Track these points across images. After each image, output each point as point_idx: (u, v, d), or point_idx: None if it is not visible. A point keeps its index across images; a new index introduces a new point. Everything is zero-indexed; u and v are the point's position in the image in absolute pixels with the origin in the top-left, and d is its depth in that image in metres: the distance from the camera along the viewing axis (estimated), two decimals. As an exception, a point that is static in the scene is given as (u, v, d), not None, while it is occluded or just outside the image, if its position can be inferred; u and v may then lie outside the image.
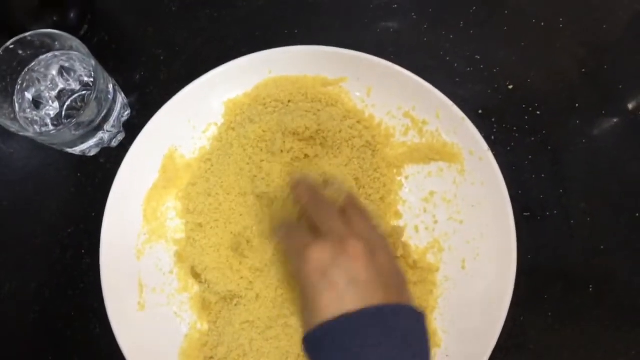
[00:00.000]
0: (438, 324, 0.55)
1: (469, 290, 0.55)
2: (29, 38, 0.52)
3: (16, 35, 0.51)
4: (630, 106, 0.61)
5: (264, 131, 0.56)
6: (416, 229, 0.57)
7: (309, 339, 0.38)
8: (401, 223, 0.57)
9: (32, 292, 0.58)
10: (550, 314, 0.56)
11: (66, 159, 0.61)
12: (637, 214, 0.58)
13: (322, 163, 0.56)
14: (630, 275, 0.57)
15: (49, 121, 0.56)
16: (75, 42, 0.52)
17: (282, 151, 0.55)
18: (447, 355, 0.54)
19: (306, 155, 0.56)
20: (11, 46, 0.51)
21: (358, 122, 0.57)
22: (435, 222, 0.57)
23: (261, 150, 0.56)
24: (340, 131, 0.56)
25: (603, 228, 0.58)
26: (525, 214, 0.58)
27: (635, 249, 0.57)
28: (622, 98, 0.61)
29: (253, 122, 0.57)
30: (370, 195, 0.56)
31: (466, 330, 0.54)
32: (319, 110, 0.57)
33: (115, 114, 0.56)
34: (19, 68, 0.54)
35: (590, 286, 0.57)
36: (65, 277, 0.58)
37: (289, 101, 0.58)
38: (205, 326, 0.56)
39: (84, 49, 0.52)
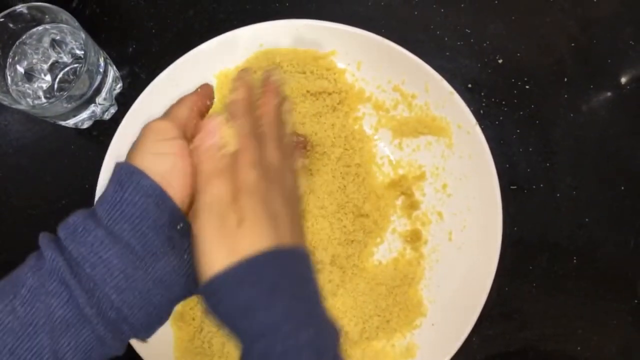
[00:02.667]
0: (424, 293, 0.56)
1: (455, 261, 0.56)
2: (19, 11, 0.52)
3: (6, 8, 0.51)
4: (623, 80, 0.61)
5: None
6: (404, 201, 0.58)
7: (205, 291, 0.34)
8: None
9: (28, 262, 0.59)
10: (534, 284, 0.58)
11: (59, 132, 0.61)
12: (622, 188, 0.59)
13: (311, 127, 0.57)
14: (614, 248, 0.58)
15: (41, 94, 0.56)
16: (66, 15, 0.52)
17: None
18: (432, 324, 0.55)
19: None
20: (1, 19, 0.52)
21: (347, 92, 0.58)
22: (423, 194, 0.58)
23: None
24: (330, 102, 0.57)
25: (588, 201, 0.59)
26: (512, 187, 0.59)
27: (619, 222, 0.59)
28: (611, 73, 0.61)
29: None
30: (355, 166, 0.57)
31: (452, 299, 0.55)
32: (310, 81, 0.58)
33: (107, 87, 0.57)
34: (10, 41, 0.54)
35: (575, 258, 0.58)
36: (60, 247, 0.59)
37: (282, 69, 0.59)
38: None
39: (74, 22, 0.52)
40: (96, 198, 0.54)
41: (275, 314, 0.33)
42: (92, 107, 0.57)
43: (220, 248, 0.34)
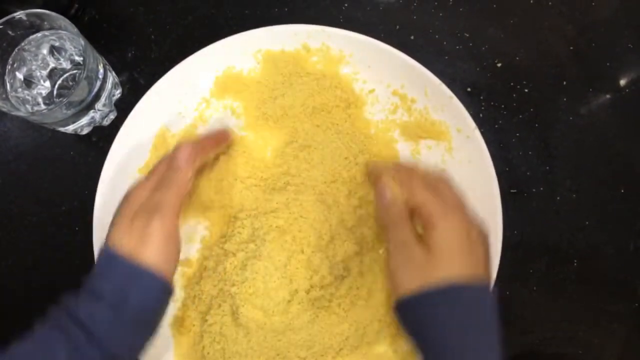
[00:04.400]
0: (425, 298, 0.56)
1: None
2: (18, 18, 0.52)
3: (5, 15, 0.52)
4: (621, 83, 0.61)
5: (254, 109, 0.57)
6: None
7: (400, 306, 0.45)
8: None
9: (27, 268, 0.59)
10: (535, 288, 0.58)
11: (59, 138, 0.61)
12: (622, 191, 0.59)
13: (315, 138, 0.57)
14: (614, 251, 0.58)
15: (40, 100, 0.57)
16: (65, 21, 0.52)
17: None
18: (433, 329, 0.55)
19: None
20: (0, 26, 0.52)
21: (347, 99, 0.58)
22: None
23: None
24: (330, 108, 0.57)
25: (588, 205, 0.59)
26: (511, 190, 0.59)
27: (619, 225, 0.59)
28: (610, 76, 0.62)
29: (244, 100, 0.58)
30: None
31: (452, 304, 0.55)
32: (310, 87, 0.58)
33: (106, 93, 0.57)
34: (9, 48, 0.54)
35: (575, 261, 0.58)
36: (60, 253, 0.59)
37: (282, 75, 0.59)
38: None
39: (73, 28, 0.52)
40: (95, 204, 0.55)
41: (460, 338, 0.42)
42: (91, 113, 0.57)
43: (410, 275, 0.44)
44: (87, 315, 0.42)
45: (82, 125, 0.58)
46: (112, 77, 0.58)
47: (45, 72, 0.57)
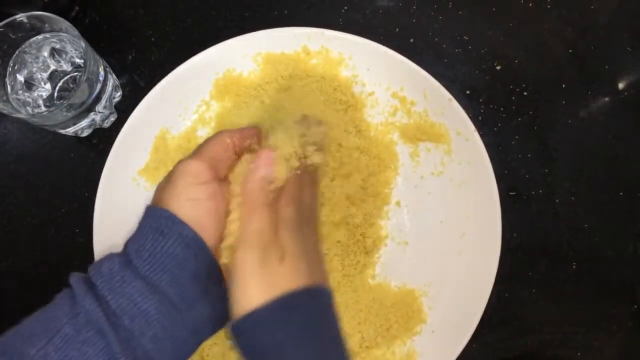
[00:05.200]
0: (424, 300, 0.56)
1: (454, 267, 0.56)
2: (19, 20, 0.52)
3: (6, 17, 0.52)
4: (620, 86, 0.61)
5: (255, 111, 0.57)
6: (400, 205, 0.58)
7: (238, 327, 0.35)
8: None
9: (28, 270, 0.59)
10: (534, 290, 0.58)
11: (59, 140, 0.61)
12: (621, 193, 0.59)
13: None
14: (613, 253, 0.58)
15: (41, 102, 0.57)
16: (65, 24, 0.52)
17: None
18: (432, 331, 0.55)
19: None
20: (1, 29, 0.52)
21: (346, 101, 0.58)
22: (423, 201, 0.58)
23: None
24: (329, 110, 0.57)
25: (587, 207, 0.59)
26: (511, 193, 0.59)
27: (618, 227, 0.59)
28: (609, 79, 0.62)
29: (243, 103, 0.58)
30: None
31: (452, 306, 0.55)
32: (309, 90, 0.58)
33: (106, 95, 0.57)
34: (10, 50, 0.54)
35: (574, 263, 0.58)
36: (60, 255, 0.59)
37: (281, 77, 0.59)
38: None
39: (73, 30, 0.52)
40: (95, 206, 0.55)
41: (304, 356, 0.34)
42: (91, 116, 0.57)
43: (260, 283, 0.34)
44: (97, 269, 0.37)
45: (82, 127, 0.58)
46: (112, 80, 0.59)
47: (45, 75, 0.57)
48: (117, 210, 0.56)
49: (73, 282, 0.36)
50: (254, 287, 0.34)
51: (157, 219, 0.37)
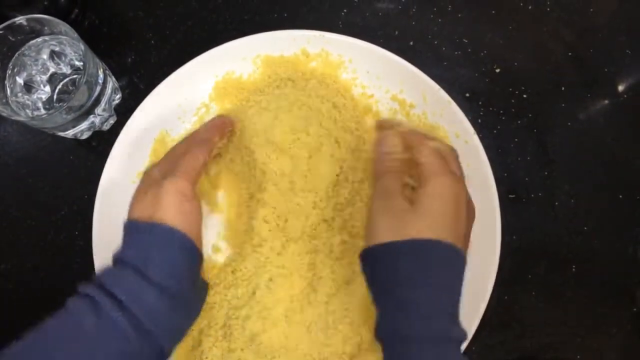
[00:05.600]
0: (424, 303, 0.56)
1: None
2: (19, 23, 0.52)
3: (6, 20, 0.52)
4: (620, 89, 0.61)
5: (254, 113, 0.57)
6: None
7: (365, 254, 0.43)
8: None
9: (27, 272, 0.59)
10: (534, 292, 0.58)
11: (59, 142, 0.61)
12: (620, 196, 0.59)
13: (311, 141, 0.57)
14: (612, 256, 0.58)
15: (40, 105, 0.57)
16: (65, 26, 0.52)
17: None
18: (432, 334, 0.55)
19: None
20: (1, 32, 0.52)
21: (345, 104, 0.58)
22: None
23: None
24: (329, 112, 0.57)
25: (586, 209, 0.59)
26: (510, 195, 0.59)
27: (617, 230, 0.59)
28: (608, 81, 0.62)
29: (243, 105, 0.58)
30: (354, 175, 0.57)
31: (451, 309, 0.55)
32: (309, 92, 0.58)
33: (106, 98, 0.57)
34: (10, 53, 0.54)
35: (573, 266, 0.58)
36: (59, 257, 0.59)
37: (280, 80, 0.59)
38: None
39: (73, 33, 0.52)
40: (95, 208, 0.55)
41: (431, 292, 0.40)
42: (91, 118, 0.57)
43: (386, 224, 0.42)
44: (113, 282, 0.41)
45: (82, 129, 0.58)
46: (112, 82, 0.59)
47: (45, 77, 0.57)
48: (116, 212, 0.56)
49: (94, 294, 0.40)
50: (381, 227, 0.42)
51: (159, 234, 0.43)
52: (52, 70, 0.57)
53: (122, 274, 0.41)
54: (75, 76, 0.57)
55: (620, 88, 0.61)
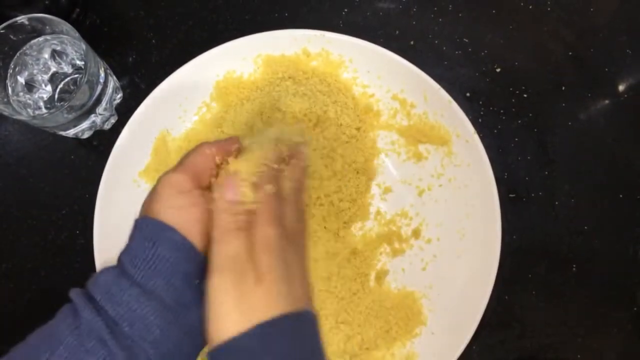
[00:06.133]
0: (424, 302, 0.56)
1: (454, 270, 0.56)
2: (20, 22, 0.52)
3: (7, 19, 0.52)
4: (620, 88, 0.61)
5: (257, 113, 0.57)
6: (403, 210, 0.58)
7: (215, 356, 0.34)
8: (388, 204, 0.58)
9: (28, 271, 0.59)
10: (534, 292, 0.58)
11: (60, 142, 0.62)
12: (620, 195, 0.59)
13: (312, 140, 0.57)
14: (613, 256, 0.58)
15: (42, 104, 0.57)
16: (66, 26, 0.52)
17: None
18: (432, 333, 0.55)
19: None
20: (2, 31, 0.52)
21: (346, 103, 0.58)
22: (423, 203, 0.58)
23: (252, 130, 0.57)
24: (330, 112, 0.57)
25: (587, 209, 0.59)
26: (510, 195, 0.59)
27: (618, 230, 0.59)
28: (609, 81, 0.62)
29: (244, 105, 0.58)
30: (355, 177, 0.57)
31: (451, 308, 0.55)
32: (310, 91, 0.58)
33: (107, 97, 0.57)
34: (11, 52, 0.54)
35: (574, 266, 0.58)
36: (60, 257, 0.59)
37: (281, 79, 0.59)
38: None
39: (74, 32, 0.52)
40: (96, 208, 0.55)
41: None
42: (92, 117, 0.57)
43: (235, 309, 0.34)
44: (92, 281, 0.37)
45: (83, 129, 0.58)
46: (113, 82, 0.59)
47: (46, 76, 0.57)
48: (117, 212, 0.56)
49: (73, 296, 0.37)
50: (230, 314, 0.34)
51: (146, 228, 0.38)
52: (53, 69, 0.57)
53: (105, 272, 0.38)
54: (76, 75, 0.57)
55: (621, 88, 0.61)
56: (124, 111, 0.61)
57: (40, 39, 0.55)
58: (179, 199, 0.39)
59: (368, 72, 0.59)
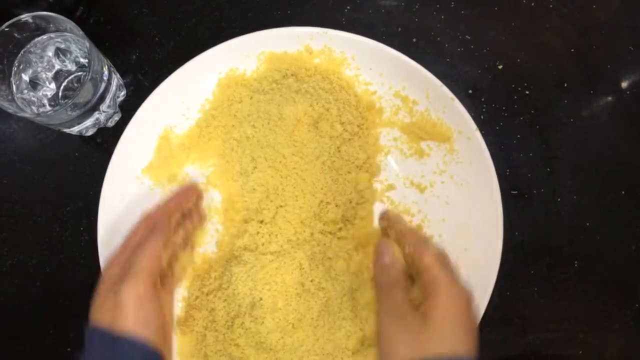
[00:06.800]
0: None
1: (456, 266, 0.56)
2: (24, 20, 0.53)
3: (11, 17, 0.52)
4: (623, 85, 0.61)
5: (258, 110, 0.57)
6: (405, 207, 0.58)
7: None
8: (391, 201, 0.58)
9: (32, 268, 0.60)
10: (536, 289, 0.58)
11: (64, 139, 0.62)
12: (623, 192, 0.59)
13: (312, 136, 0.57)
14: (615, 252, 0.58)
15: (46, 102, 0.57)
16: (70, 24, 0.53)
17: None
18: (434, 329, 0.55)
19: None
20: (6, 29, 0.52)
21: (349, 100, 0.58)
22: (425, 200, 0.58)
23: (254, 128, 0.57)
24: (332, 109, 0.57)
25: (589, 206, 0.59)
26: (512, 192, 0.59)
27: (619, 226, 0.59)
28: (611, 78, 0.62)
29: (246, 102, 0.58)
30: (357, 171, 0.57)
31: (453, 304, 0.55)
32: (312, 88, 0.58)
33: (110, 95, 0.57)
34: (15, 50, 0.55)
35: (576, 262, 0.58)
36: (65, 253, 0.60)
37: (283, 77, 0.59)
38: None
39: (78, 30, 0.52)
40: (100, 205, 0.55)
41: None
42: (96, 115, 0.57)
43: (403, 344, 0.41)
44: None
45: (86, 126, 0.58)
46: (116, 79, 0.59)
47: (50, 74, 0.57)
48: (121, 208, 0.57)
49: None
50: (401, 345, 0.41)
51: (119, 349, 0.41)
52: (57, 67, 0.57)
53: None
54: (80, 73, 0.58)
55: (623, 85, 0.61)
56: (128, 108, 0.61)
57: (44, 36, 0.56)
58: (146, 308, 0.43)
59: (370, 70, 0.59)
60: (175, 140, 0.59)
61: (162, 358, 0.43)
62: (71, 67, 0.58)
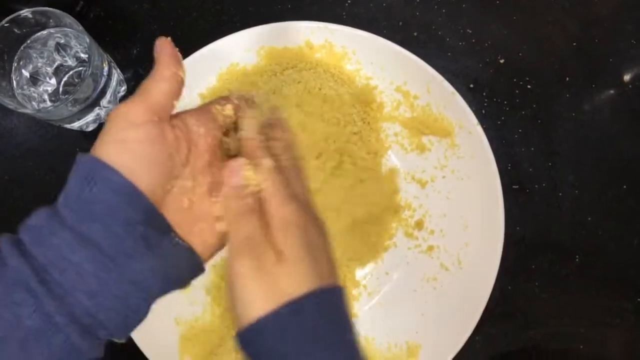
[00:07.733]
0: (427, 293, 0.56)
1: (457, 261, 0.56)
2: (24, 16, 0.52)
3: (11, 13, 0.52)
4: (625, 79, 0.61)
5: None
6: (407, 202, 0.58)
7: (243, 337, 0.33)
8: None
9: (34, 263, 0.60)
10: (537, 283, 0.58)
11: (64, 135, 0.62)
12: (625, 187, 0.59)
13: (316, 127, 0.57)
14: (616, 247, 0.58)
15: (46, 97, 0.57)
16: (70, 19, 0.52)
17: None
18: (435, 324, 0.55)
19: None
20: (6, 24, 0.52)
21: (351, 92, 0.58)
22: (426, 195, 0.58)
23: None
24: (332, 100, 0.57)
25: (590, 201, 0.59)
26: (514, 186, 0.59)
27: (621, 221, 0.59)
28: (613, 72, 0.62)
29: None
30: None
31: (455, 299, 0.55)
32: (313, 79, 0.58)
33: (111, 90, 0.57)
34: (15, 46, 0.55)
35: (577, 257, 0.58)
36: (66, 249, 0.60)
37: (284, 71, 0.59)
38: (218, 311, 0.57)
39: (78, 25, 0.52)
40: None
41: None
42: (96, 110, 0.57)
43: (259, 290, 0.33)
44: (24, 222, 0.34)
45: (87, 122, 0.58)
46: (117, 74, 0.59)
47: (50, 70, 0.57)
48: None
49: (2, 243, 0.33)
50: (255, 297, 0.33)
51: (82, 165, 0.33)
52: (57, 62, 0.57)
53: (38, 213, 0.34)
54: (80, 68, 0.58)
55: (625, 78, 0.61)
56: (128, 104, 0.61)
57: (44, 32, 0.56)
58: (126, 133, 0.33)
59: (371, 64, 0.59)
60: (176, 136, 0.59)
61: (144, 197, 0.33)
62: (71, 62, 0.58)
